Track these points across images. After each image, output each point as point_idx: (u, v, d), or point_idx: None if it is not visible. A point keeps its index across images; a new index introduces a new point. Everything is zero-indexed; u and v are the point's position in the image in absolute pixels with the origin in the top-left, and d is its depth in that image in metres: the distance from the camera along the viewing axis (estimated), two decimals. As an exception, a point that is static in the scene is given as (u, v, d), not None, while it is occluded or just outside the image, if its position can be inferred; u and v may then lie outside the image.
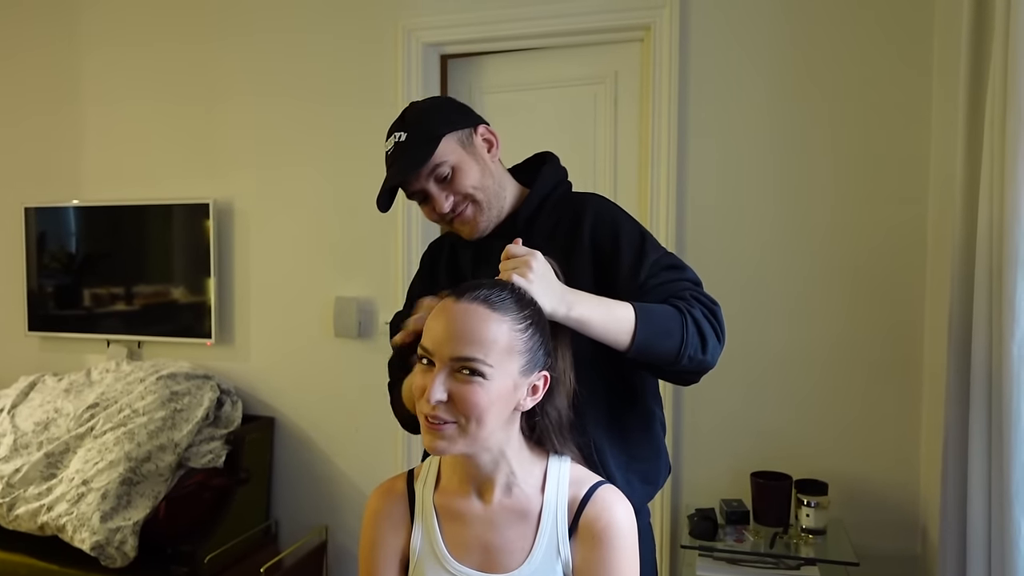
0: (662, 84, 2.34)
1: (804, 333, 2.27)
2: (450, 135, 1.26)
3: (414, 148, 1.24)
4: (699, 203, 2.35)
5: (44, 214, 3.06)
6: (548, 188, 1.33)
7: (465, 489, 1.05)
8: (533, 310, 1.01)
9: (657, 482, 1.32)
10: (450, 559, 1.03)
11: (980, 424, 1.53)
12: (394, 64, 2.63)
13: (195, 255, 2.83)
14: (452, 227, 1.32)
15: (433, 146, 1.24)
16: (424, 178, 1.26)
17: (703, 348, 1.15)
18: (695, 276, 1.26)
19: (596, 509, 1.02)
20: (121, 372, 2.78)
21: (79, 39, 3.05)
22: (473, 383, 0.94)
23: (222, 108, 2.86)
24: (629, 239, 1.25)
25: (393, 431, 2.65)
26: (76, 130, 3.07)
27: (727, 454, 2.33)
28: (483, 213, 1.29)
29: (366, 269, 2.69)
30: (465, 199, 1.27)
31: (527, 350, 0.98)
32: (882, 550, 2.19)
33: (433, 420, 0.96)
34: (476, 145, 1.29)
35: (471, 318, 0.96)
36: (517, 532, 1.02)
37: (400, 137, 1.26)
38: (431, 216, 1.31)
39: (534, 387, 1.01)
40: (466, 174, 1.26)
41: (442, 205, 1.26)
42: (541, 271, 1.06)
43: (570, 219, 1.29)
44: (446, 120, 1.27)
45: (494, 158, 1.32)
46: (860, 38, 2.20)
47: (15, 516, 2.40)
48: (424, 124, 1.26)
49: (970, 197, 1.64)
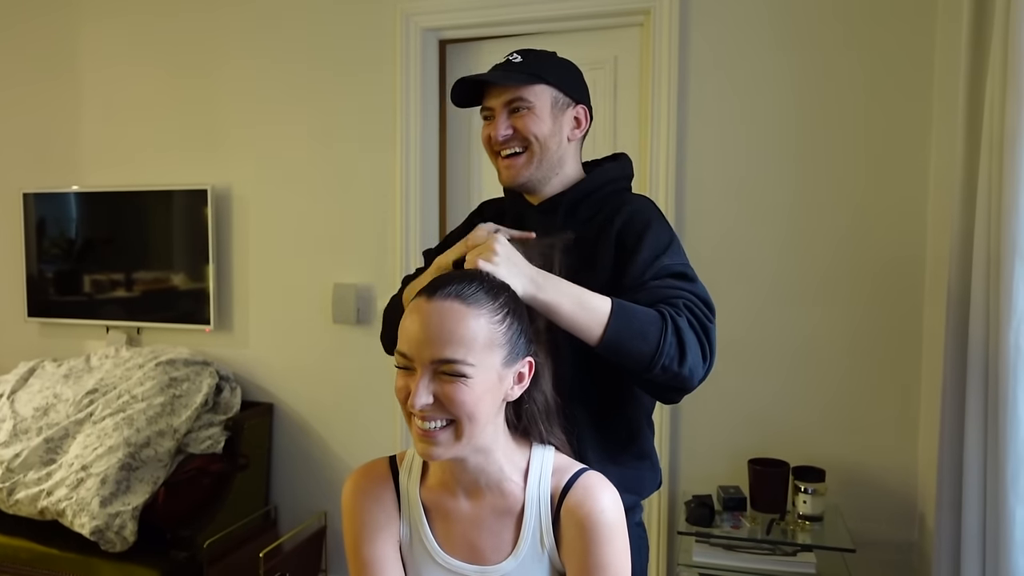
0: (662, 69, 2.32)
1: (802, 321, 2.26)
2: (551, 87, 1.30)
3: (516, 71, 1.28)
4: (699, 189, 2.34)
5: (43, 200, 3.05)
6: (600, 181, 1.34)
7: (452, 488, 1.03)
8: (508, 297, 0.99)
9: (640, 491, 1.29)
10: (440, 551, 1.02)
11: (976, 413, 1.53)
12: (392, 49, 2.61)
13: (194, 241, 2.83)
14: (497, 162, 1.34)
15: (531, 81, 1.28)
16: (502, 99, 1.29)
17: (680, 360, 1.10)
18: (704, 294, 1.20)
19: (578, 496, 0.99)
20: (120, 358, 2.78)
21: (77, 25, 3.03)
22: (457, 383, 0.92)
23: (220, 94, 2.85)
24: (653, 240, 1.23)
25: (391, 417, 2.66)
26: (75, 116, 3.06)
27: (724, 441, 2.33)
28: (529, 166, 1.30)
29: (365, 256, 2.69)
30: (521, 142, 1.30)
31: (507, 341, 0.96)
32: (879, 537, 2.20)
33: (424, 427, 0.94)
34: (565, 114, 1.32)
35: (446, 317, 0.93)
36: (502, 525, 1.01)
37: (515, 58, 1.31)
38: (484, 137, 1.34)
39: (519, 375, 0.99)
40: (536, 122, 1.29)
41: (498, 130, 1.30)
42: (506, 253, 1.06)
43: (608, 212, 1.29)
44: (558, 76, 1.31)
45: (572, 135, 1.34)
46: (862, 26, 2.18)
47: (15, 501, 2.42)
48: (540, 63, 1.31)
49: (969, 189, 1.63)
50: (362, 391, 2.70)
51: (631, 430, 1.30)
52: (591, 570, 0.96)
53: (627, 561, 0.99)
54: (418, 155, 2.61)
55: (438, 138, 2.70)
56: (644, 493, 1.31)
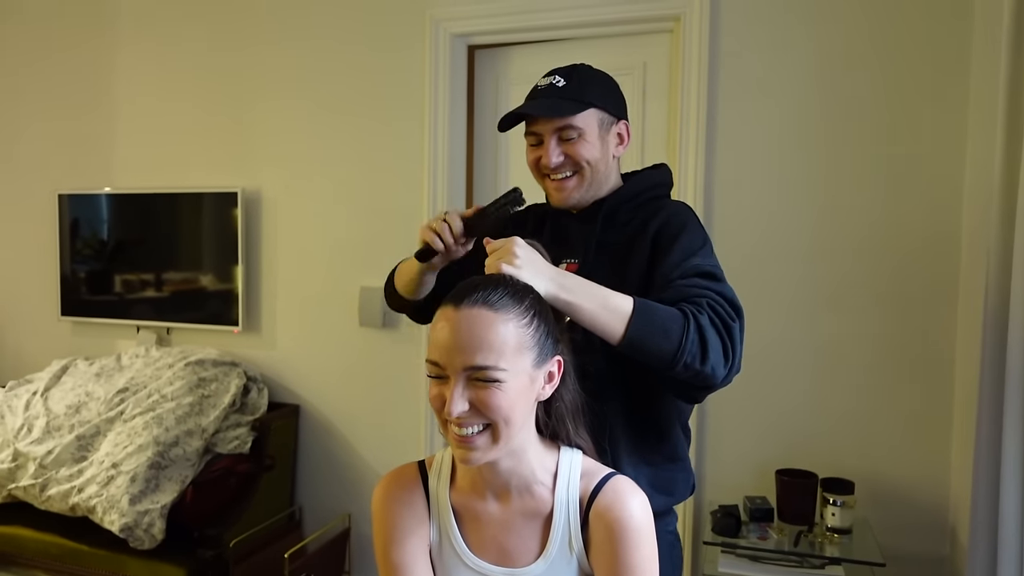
0: (691, 76, 2.31)
1: (833, 330, 2.23)
2: (597, 110, 1.32)
3: (562, 99, 1.30)
4: (729, 198, 2.32)
5: (77, 201, 3.11)
6: (639, 188, 1.36)
7: (481, 491, 1.04)
8: (533, 299, 1.01)
9: (672, 493, 1.30)
10: (469, 553, 1.03)
11: (1015, 422, 1.50)
12: (421, 55, 2.63)
13: (223, 243, 2.87)
14: (545, 183, 1.36)
15: (579, 108, 1.30)
16: (551, 126, 1.31)
17: (702, 357, 1.11)
18: (731, 294, 1.20)
19: (607, 500, 1.00)
20: (150, 357, 2.82)
21: (114, 32, 3.09)
22: (490, 388, 0.93)
23: (251, 99, 2.88)
24: (687, 242, 1.25)
25: (417, 421, 2.66)
26: (109, 119, 3.11)
27: (752, 450, 2.31)
28: (579, 188, 1.33)
29: (392, 260, 2.67)
30: (573, 167, 1.32)
31: (536, 343, 0.97)
32: (909, 551, 2.16)
33: (461, 433, 0.95)
34: (610, 133, 1.35)
35: (475, 324, 0.94)
36: (531, 528, 1.02)
37: (559, 82, 1.33)
38: (531, 160, 1.36)
39: (550, 375, 1.01)
40: (587, 147, 1.31)
41: (550, 158, 1.31)
42: (526, 255, 1.08)
43: (645, 216, 1.32)
44: (602, 97, 1.33)
45: (616, 152, 1.37)
46: (896, 33, 2.15)
47: (47, 497, 2.45)
48: (584, 86, 1.33)
49: (1008, 195, 1.60)
50: (388, 394, 2.71)
51: (662, 428, 1.30)
52: (619, 574, 0.97)
53: (655, 565, 1.00)
54: (446, 161, 2.62)
55: (465, 145, 2.71)
56: (677, 495, 1.31)
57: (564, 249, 1.33)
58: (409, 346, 2.69)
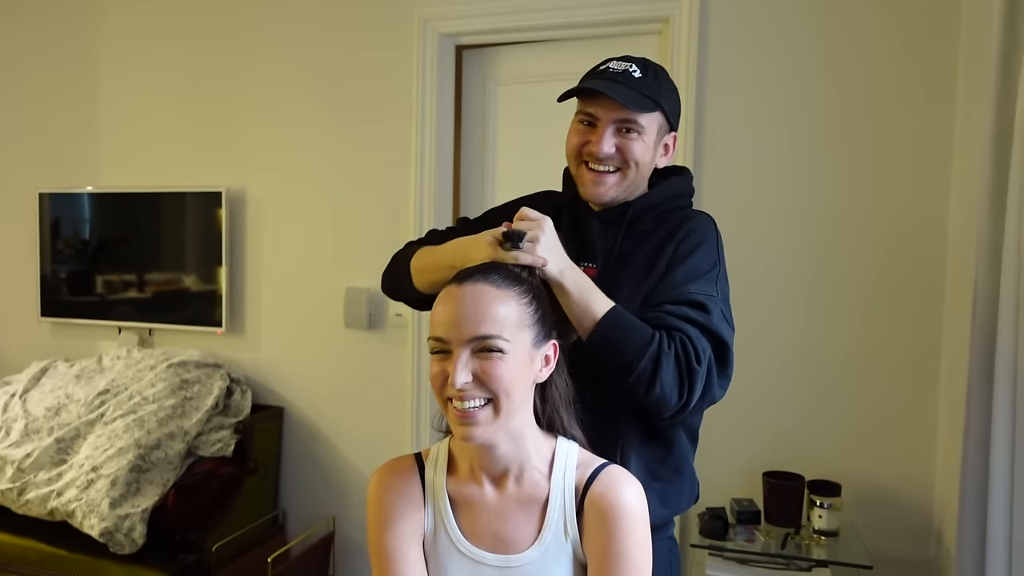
0: (680, 78, 2.30)
1: (819, 332, 2.24)
2: (661, 114, 1.29)
3: (637, 91, 1.25)
4: (716, 199, 2.31)
5: (58, 200, 3.06)
6: (666, 196, 1.34)
7: (478, 478, 1.05)
8: (531, 284, 1.05)
9: (677, 506, 1.29)
10: (464, 540, 1.04)
11: (1004, 426, 1.50)
12: (409, 54, 2.61)
13: (207, 243, 2.83)
14: (581, 171, 1.30)
15: (652, 107, 1.26)
16: (614, 114, 1.26)
17: (648, 386, 1.11)
18: (717, 327, 1.17)
19: (602, 487, 1.02)
20: (132, 359, 2.78)
21: (97, 26, 3.05)
22: (494, 359, 0.96)
23: (237, 98, 2.85)
24: (694, 264, 1.23)
25: (403, 422, 2.64)
26: (91, 117, 3.07)
27: (739, 453, 2.30)
28: (619, 186, 1.29)
29: (377, 261, 2.64)
30: (620, 162, 1.28)
31: (535, 322, 1.01)
32: (896, 553, 2.16)
33: (463, 408, 0.97)
34: (663, 140, 1.33)
35: (479, 299, 0.98)
36: (527, 515, 1.03)
37: (635, 71, 1.27)
38: (575, 142, 1.30)
39: (546, 357, 1.04)
40: (641, 148, 1.28)
41: (601, 146, 1.26)
42: (551, 233, 1.12)
43: (670, 227, 1.29)
44: (671, 104, 1.31)
45: (659, 161, 1.34)
46: (884, 32, 2.16)
47: (25, 501, 2.41)
48: (658, 85, 1.28)
49: (998, 193, 1.60)
50: (373, 396, 2.69)
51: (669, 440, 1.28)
52: (612, 559, 0.98)
53: (648, 552, 1.01)
54: (433, 161, 2.60)
55: (453, 145, 2.70)
56: (680, 507, 1.30)
57: (583, 250, 1.29)
58: (395, 347, 2.67)
